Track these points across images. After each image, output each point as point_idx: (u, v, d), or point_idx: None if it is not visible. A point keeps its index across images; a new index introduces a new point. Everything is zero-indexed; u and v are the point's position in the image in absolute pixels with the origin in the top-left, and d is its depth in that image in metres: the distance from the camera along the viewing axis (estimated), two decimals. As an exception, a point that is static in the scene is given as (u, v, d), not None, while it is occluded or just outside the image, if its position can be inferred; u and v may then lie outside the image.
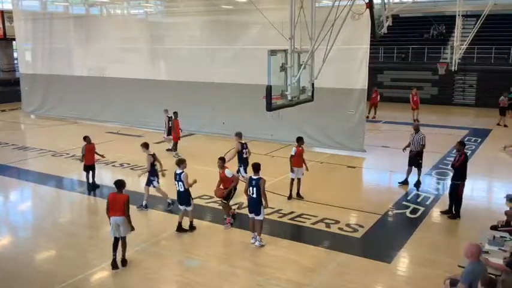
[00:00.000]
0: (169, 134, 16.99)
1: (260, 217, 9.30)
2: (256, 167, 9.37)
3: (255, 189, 9.14)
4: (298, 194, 12.09)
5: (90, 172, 12.79)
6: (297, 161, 11.76)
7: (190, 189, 9.83)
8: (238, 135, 12.18)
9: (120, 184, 8.45)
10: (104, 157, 13.72)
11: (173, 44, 20.90)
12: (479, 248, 6.08)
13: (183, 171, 9.74)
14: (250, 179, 9.30)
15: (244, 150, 12.04)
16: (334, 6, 9.08)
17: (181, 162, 9.87)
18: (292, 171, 11.87)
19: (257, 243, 9.31)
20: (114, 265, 8.46)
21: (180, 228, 10.02)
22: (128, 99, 21.85)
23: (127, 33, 22.29)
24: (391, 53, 31.79)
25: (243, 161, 12.04)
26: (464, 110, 28.31)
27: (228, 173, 9.97)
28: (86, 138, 12.73)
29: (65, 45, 24.50)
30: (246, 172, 11.81)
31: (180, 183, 9.73)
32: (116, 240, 8.49)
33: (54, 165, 15.43)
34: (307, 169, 12.00)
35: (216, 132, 19.59)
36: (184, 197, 9.85)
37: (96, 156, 12.96)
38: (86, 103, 23.72)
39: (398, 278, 8.31)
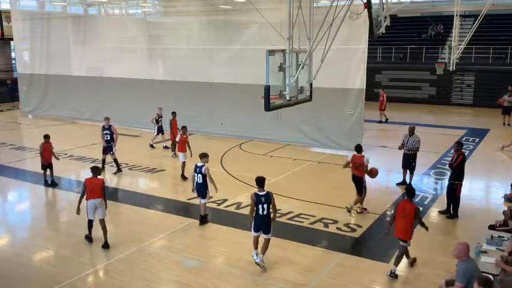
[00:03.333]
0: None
1: (270, 235, 8.36)
2: (261, 182, 8.21)
3: (266, 205, 8.07)
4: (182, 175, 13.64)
5: (48, 170, 13.18)
6: (181, 147, 13.78)
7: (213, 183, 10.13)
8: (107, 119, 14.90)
9: (96, 169, 9.40)
10: (58, 159, 13.68)
11: (171, 44, 20.85)
12: (468, 246, 6.14)
13: (204, 165, 10.07)
14: (258, 196, 8.09)
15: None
16: (333, 6, 9.10)
17: (204, 156, 10.18)
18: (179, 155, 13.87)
19: (261, 262, 8.34)
20: (88, 239, 9.47)
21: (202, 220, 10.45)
22: (126, 99, 21.80)
23: (125, 33, 22.22)
24: (389, 53, 31.83)
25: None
26: (462, 110, 28.35)
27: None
28: (45, 137, 12.96)
29: (63, 45, 24.42)
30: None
31: (199, 175, 10.07)
32: (90, 222, 9.36)
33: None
34: (191, 155, 13.50)
35: (214, 132, 19.59)
36: (202, 189, 10.16)
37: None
38: (84, 103, 23.67)
39: (396, 278, 8.32)
